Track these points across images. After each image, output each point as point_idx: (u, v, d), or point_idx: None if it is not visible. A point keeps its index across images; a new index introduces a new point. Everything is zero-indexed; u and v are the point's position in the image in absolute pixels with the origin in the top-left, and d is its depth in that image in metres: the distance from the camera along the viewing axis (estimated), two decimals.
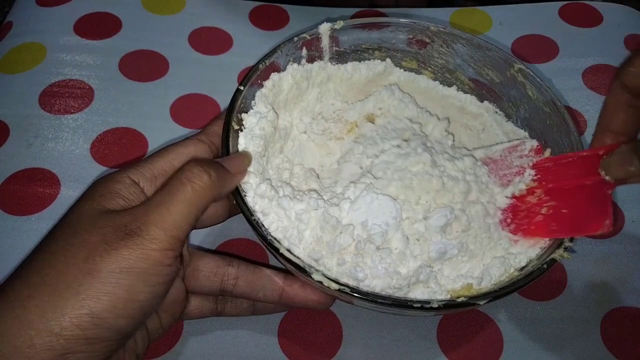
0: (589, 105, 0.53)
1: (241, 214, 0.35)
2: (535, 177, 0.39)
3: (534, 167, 0.40)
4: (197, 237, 0.44)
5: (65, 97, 0.51)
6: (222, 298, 0.38)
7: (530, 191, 0.39)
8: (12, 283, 0.29)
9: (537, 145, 0.41)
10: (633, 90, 0.32)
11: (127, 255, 0.29)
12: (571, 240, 0.34)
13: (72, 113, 0.50)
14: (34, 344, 0.27)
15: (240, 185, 0.35)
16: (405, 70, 0.46)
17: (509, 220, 0.39)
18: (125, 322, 0.29)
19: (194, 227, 0.33)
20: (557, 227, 0.36)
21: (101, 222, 0.30)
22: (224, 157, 0.35)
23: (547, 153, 0.40)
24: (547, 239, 0.36)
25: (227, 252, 0.44)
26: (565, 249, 0.34)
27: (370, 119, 0.45)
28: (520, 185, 0.40)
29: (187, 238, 0.32)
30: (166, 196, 0.31)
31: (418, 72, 0.47)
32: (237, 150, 0.38)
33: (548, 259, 0.33)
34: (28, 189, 0.46)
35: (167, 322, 0.35)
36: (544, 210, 0.37)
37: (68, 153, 0.48)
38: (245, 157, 0.36)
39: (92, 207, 0.31)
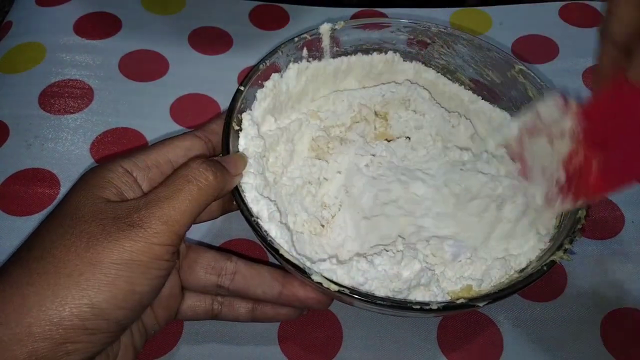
0: None
1: (236, 213, 0.35)
2: (573, 135, 0.35)
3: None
4: (196, 236, 0.44)
5: (65, 97, 0.51)
6: (219, 300, 0.37)
7: (574, 152, 0.35)
8: (11, 269, 0.29)
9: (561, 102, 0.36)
10: (623, 42, 0.31)
11: (129, 247, 0.29)
12: (571, 242, 0.34)
13: (72, 113, 0.50)
14: (32, 332, 0.27)
15: (240, 186, 0.35)
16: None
17: (567, 190, 0.35)
18: (124, 314, 0.29)
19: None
20: (617, 177, 0.33)
21: (100, 212, 0.30)
22: (223, 157, 0.35)
23: (573, 105, 0.35)
24: (546, 240, 0.36)
25: (226, 248, 0.44)
26: (565, 250, 0.34)
27: (383, 115, 0.45)
28: (561, 148, 0.35)
29: (185, 233, 0.32)
30: (171, 192, 0.31)
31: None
32: (237, 151, 0.38)
33: (548, 260, 0.33)
34: (28, 189, 0.46)
35: (163, 318, 0.35)
36: (594, 166, 0.33)
37: (68, 153, 0.48)
38: (243, 160, 0.36)
39: (87, 197, 0.31)
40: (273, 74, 0.41)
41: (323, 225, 0.40)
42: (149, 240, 0.29)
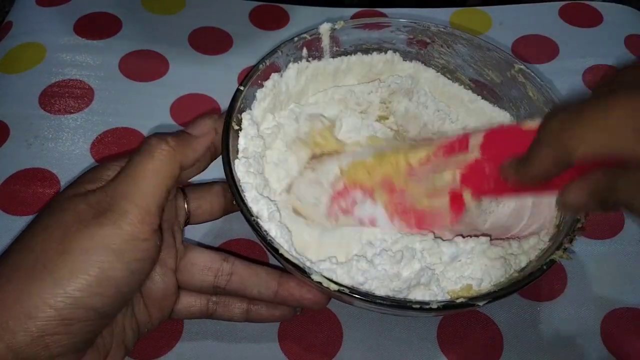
0: None
1: (237, 213, 0.35)
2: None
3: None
4: (197, 236, 0.44)
5: (65, 97, 0.51)
6: (213, 300, 0.37)
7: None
8: None
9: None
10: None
11: (100, 232, 0.29)
12: (571, 241, 0.34)
13: (72, 113, 0.50)
14: (10, 327, 0.27)
15: (240, 185, 0.35)
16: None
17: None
18: (101, 301, 0.29)
19: (169, 199, 0.33)
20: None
21: (76, 202, 0.30)
22: (190, 123, 0.35)
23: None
24: (546, 239, 0.36)
25: (225, 249, 0.44)
26: (565, 250, 0.34)
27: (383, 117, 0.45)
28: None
29: (161, 211, 0.32)
30: (129, 170, 0.31)
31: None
32: (238, 151, 0.38)
33: (547, 260, 0.33)
34: (28, 189, 0.46)
35: (157, 317, 0.35)
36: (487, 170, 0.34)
37: (68, 153, 0.48)
38: (209, 118, 0.36)
39: (72, 191, 0.31)
40: (273, 73, 0.41)
41: None
42: (118, 222, 0.29)
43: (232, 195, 0.35)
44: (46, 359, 0.28)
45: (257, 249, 0.44)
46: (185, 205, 0.37)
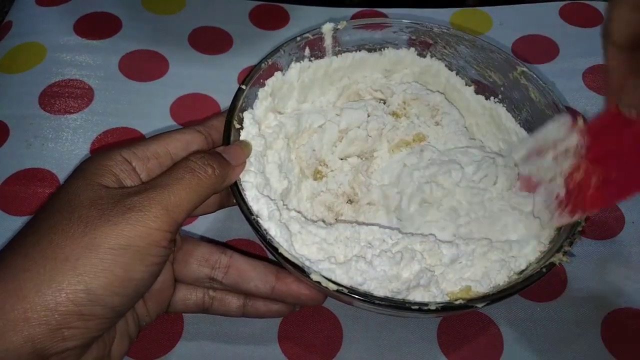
0: (589, 106, 0.53)
1: (237, 212, 0.35)
2: (576, 151, 0.37)
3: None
4: (196, 235, 0.44)
5: (65, 97, 0.51)
6: (210, 294, 0.37)
7: (575, 167, 0.36)
8: (6, 255, 0.29)
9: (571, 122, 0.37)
10: (625, 44, 0.31)
11: (127, 232, 0.29)
12: (571, 244, 0.34)
13: (72, 113, 0.50)
14: (28, 317, 0.27)
15: (240, 184, 0.35)
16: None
17: (565, 204, 0.37)
18: (119, 300, 0.29)
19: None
20: (614, 192, 0.35)
21: (99, 198, 0.30)
22: (224, 148, 0.35)
23: (580, 123, 0.37)
24: (546, 242, 0.36)
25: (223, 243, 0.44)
26: (565, 253, 0.34)
27: (396, 115, 0.45)
28: (564, 164, 0.37)
29: (183, 222, 0.32)
30: (171, 180, 0.31)
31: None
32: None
33: (547, 262, 0.33)
34: (28, 189, 0.46)
35: (154, 310, 0.35)
36: (594, 181, 0.35)
37: (68, 153, 0.48)
38: (245, 148, 0.36)
39: (86, 184, 0.31)
40: (275, 72, 0.41)
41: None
42: (148, 225, 0.29)
43: (231, 192, 0.35)
44: (60, 351, 0.28)
45: (257, 249, 0.44)
46: None
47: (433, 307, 0.31)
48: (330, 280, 0.32)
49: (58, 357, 0.28)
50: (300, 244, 0.36)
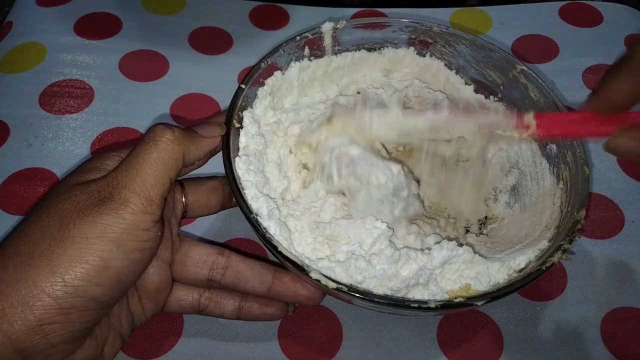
0: None
1: (237, 212, 0.35)
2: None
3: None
4: (196, 235, 0.44)
5: (65, 97, 0.51)
6: (206, 295, 0.37)
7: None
8: None
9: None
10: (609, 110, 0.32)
11: (100, 221, 0.29)
12: (570, 242, 0.34)
13: (72, 113, 0.50)
14: (7, 316, 0.27)
15: (240, 183, 0.35)
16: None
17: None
18: (100, 290, 0.29)
19: (171, 190, 0.33)
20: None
21: (76, 191, 0.30)
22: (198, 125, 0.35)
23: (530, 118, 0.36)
24: (546, 240, 0.36)
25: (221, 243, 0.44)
26: (564, 251, 0.34)
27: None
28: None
29: (163, 201, 0.32)
30: (133, 158, 0.31)
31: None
32: (238, 148, 0.38)
33: (547, 260, 0.33)
34: (28, 188, 0.46)
35: (150, 309, 0.35)
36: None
37: (68, 153, 0.48)
38: (218, 126, 0.36)
39: (67, 180, 0.31)
40: (274, 72, 0.41)
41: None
42: (120, 211, 0.29)
43: (231, 191, 0.35)
44: (45, 348, 0.28)
45: (257, 249, 0.44)
46: (183, 199, 0.37)
47: (432, 305, 0.31)
48: (329, 278, 0.32)
49: (43, 355, 0.28)
50: (299, 242, 0.36)
